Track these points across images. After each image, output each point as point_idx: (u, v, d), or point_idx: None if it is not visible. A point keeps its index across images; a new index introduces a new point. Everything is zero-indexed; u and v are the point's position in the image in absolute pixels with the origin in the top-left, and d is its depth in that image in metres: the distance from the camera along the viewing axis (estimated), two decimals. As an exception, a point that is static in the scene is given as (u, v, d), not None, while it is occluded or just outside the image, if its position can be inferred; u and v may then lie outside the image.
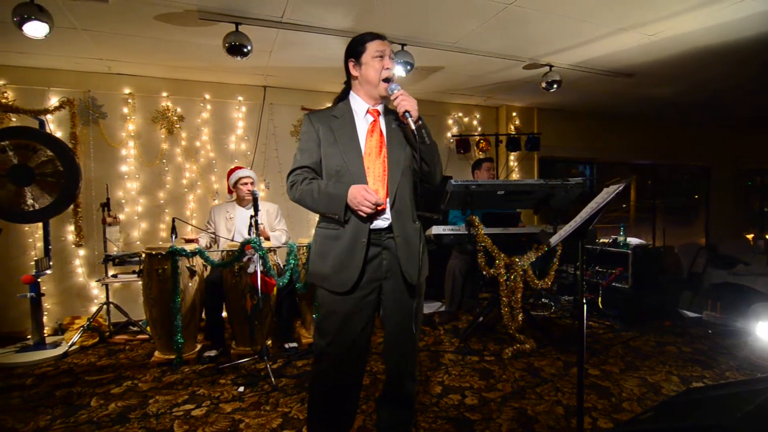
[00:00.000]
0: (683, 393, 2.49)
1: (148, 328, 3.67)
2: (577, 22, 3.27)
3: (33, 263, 3.75)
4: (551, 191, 3.33)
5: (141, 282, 3.36)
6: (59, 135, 3.97)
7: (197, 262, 3.31)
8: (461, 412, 2.45)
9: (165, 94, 4.43)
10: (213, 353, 3.30)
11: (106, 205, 3.90)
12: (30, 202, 3.36)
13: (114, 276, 3.89)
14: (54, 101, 4.04)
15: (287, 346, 3.44)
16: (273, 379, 2.82)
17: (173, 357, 3.18)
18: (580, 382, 1.65)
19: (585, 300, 1.69)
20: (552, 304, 4.69)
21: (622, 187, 1.50)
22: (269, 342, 3.48)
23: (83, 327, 3.75)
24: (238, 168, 3.71)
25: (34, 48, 3.53)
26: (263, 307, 3.11)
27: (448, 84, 4.89)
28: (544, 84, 4.17)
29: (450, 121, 5.77)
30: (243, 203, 3.69)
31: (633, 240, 4.32)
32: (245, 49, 3.14)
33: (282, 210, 3.87)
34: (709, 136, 7.72)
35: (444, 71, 4.40)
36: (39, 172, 3.37)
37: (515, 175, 5.94)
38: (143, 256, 3.29)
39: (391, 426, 1.85)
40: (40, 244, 3.96)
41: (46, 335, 3.60)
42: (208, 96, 4.58)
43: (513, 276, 3.37)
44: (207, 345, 3.45)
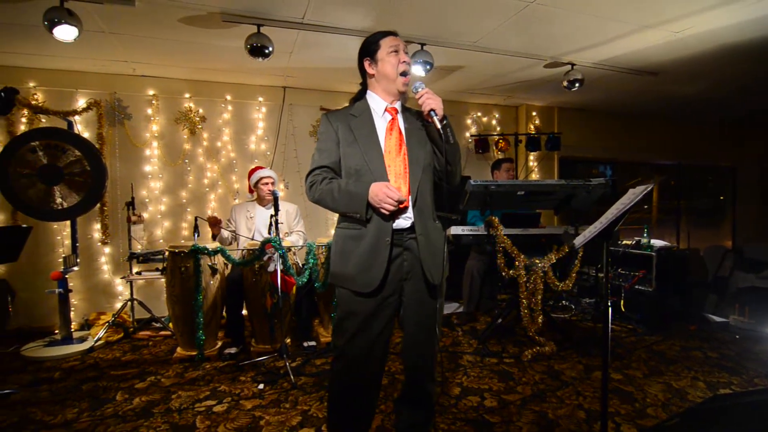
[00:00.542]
0: (710, 400, 2.43)
1: (170, 324, 3.74)
2: (601, 19, 3.21)
3: (61, 260, 3.88)
4: (573, 192, 3.28)
5: (164, 279, 3.43)
6: (87, 135, 4.08)
7: (219, 260, 3.37)
8: (480, 414, 2.43)
9: (187, 95, 4.51)
10: (233, 350, 3.35)
11: (130, 204, 4.00)
12: (59, 200, 3.46)
13: (138, 273, 3.98)
14: (82, 103, 4.16)
15: (306, 344, 3.47)
16: (292, 377, 2.85)
17: (195, 353, 3.24)
18: (604, 386, 1.62)
19: (608, 302, 1.66)
20: (572, 306, 4.62)
21: (651, 188, 1.47)
22: (288, 340, 3.52)
23: (108, 323, 3.86)
24: (259, 168, 3.76)
25: (62, 51, 3.64)
26: (283, 306, 3.14)
27: (467, 83, 4.86)
28: (565, 83, 4.11)
29: (468, 121, 5.73)
30: (263, 203, 3.73)
31: (657, 242, 4.23)
32: (266, 51, 3.17)
33: (301, 210, 3.91)
34: (735, 135, 7.49)
35: (463, 70, 4.37)
36: (67, 171, 3.47)
37: (534, 176, 5.87)
38: (166, 254, 3.35)
39: (411, 426, 1.84)
40: (67, 241, 4.08)
41: (73, 330, 3.70)
42: (229, 97, 4.65)
43: (533, 277, 3.33)
44: (228, 342, 3.50)
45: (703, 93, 5.27)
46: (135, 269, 4.02)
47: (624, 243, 4.43)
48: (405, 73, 1.70)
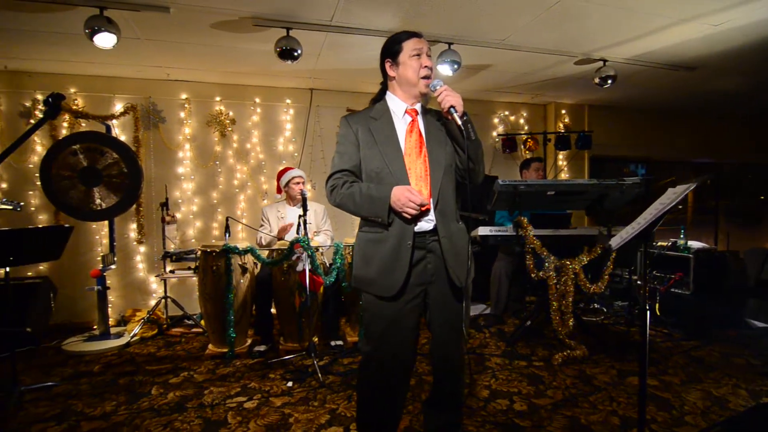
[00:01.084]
0: (753, 408, 2.32)
1: (202, 321, 3.84)
2: (636, 14, 3.11)
3: (99, 259, 4.04)
4: (606, 191, 3.19)
5: (196, 278, 3.53)
6: (124, 139, 4.25)
7: (248, 259, 3.43)
8: (510, 417, 2.40)
9: (218, 98, 4.63)
10: (263, 348, 3.41)
11: (165, 205, 4.12)
12: (98, 201, 3.61)
13: (171, 272, 4.10)
14: (119, 107, 4.33)
15: (333, 343, 3.50)
16: (320, 376, 2.88)
17: (226, 350, 3.31)
18: (642, 392, 1.57)
19: (646, 305, 1.61)
20: (604, 309, 4.50)
21: (693, 187, 1.41)
22: (316, 339, 3.55)
23: (143, 319, 3.99)
24: (289, 168, 3.81)
25: (101, 57, 3.79)
26: (311, 305, 3.18)
27: (494, 82, 4.80)
28: (597, 80, 4.01)
29: (495, 120, 5.66)
30: (293, 203, 3.78)
31: (694, 243, 4.07)
32: (295, 53, 3.22)
33: (328, 210, 3.95)
34: (779, 132, 7.13)
35: (491, 69, 4.32)
36: (106, 173, 3.61)
37: (564, 175, 5.75)
38: (199, 253, 3.44)
39: (439, 428, 1.83)
40: (105, 240, 4.25)
41: (110, 326, 3.85)
42: (258, 99, 4.75)
43: (563, 279, 3.26)
44: (257, 340, 3.57)
45: (743, 88, 5.04)
46: (168, 268, 4.14)
47: (659, 244, 4.28)
48: (427, 77, 1.68)
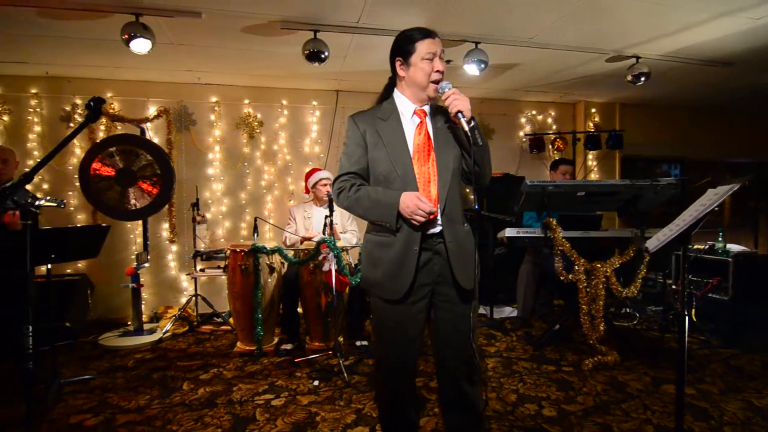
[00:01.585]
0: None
1: (231, 319, 3.92)
2: (670, 8, 3.01)
3: (134, 257, 4.17)
4: (639, 192, 3.09)
5: (225, 276, 3.60)
6: (157, 141, 4.38)
7: (276, 259, 3.49)
8: (539, 423, 2.35)
9: (247, 101, 4.72)
10: (289, 347, 3.46)
11: (195, 205, 4.24)
12: (133, 202, 3.74)
13: (201, 270, 4.21)
14: (152, 111, 4.47)
15: (358, 343, 3.52)
16: (346, 376, 2.89)
17: (254, 348, 3.37)
18: (679, 401, 1.51)
19: (684, 311, 1.55)
20: (636, 314, 4.35)
21: (737, 188, 1.35)
22: (341, 339, 3.58)
23: (175, 316, 4.11)
24: (317, 170, 3.85)
25: (136, 63, 3.92)
26: (337, 305, 3.20)
27: (522, 81, 4.72)
28: (629, 77, 3.89)
29: (523, 120, 5.57)
30: (320, 203, 3.82)
31: (733, 247, 3.89)
32: (322, 55, 3.26)
33: (354, 211, 3.96)
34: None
35: (518, 68, 4.26)
36: (140, 175, 3.73)
37: (594, 176, 5.60)
38: (228, 252, 3.52)
39: (456, 429, 1.79)
40: (139, 239, 4.39)
41: (143, 322, 3.98)
42: (285, 102, 4.82)
43: (594, 282, 3.17)
44: (283, 338, 3.62)
45: (789, 84, 4.80)
46: (199, 266, 4.25)
47: (695, 247, 4.12)
48: (437, 81, 1.64)
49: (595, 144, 5.27)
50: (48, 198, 2.63)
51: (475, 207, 1.65)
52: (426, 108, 1.72)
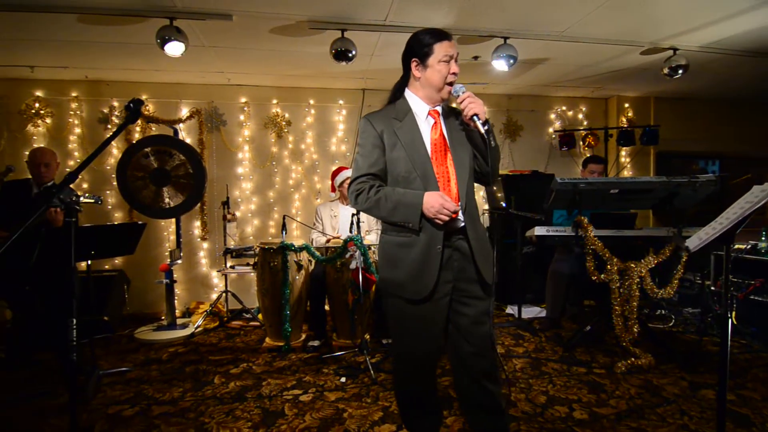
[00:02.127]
0: None
1: (259, 315, 4.00)
2: (712, -3, 2.88)
3: (167, 254, 4.31)
4: (676, 190, 2.98)
5: (254, 273, 3.68)
6: (189, 141, 4.51)
7: (303, 256, 3.53)
8: (570, 425, 2.30)
9: (275, 101, 4.81)
10: (316, 343, 3.50)
11: (226, 203, 4.34)
12: (167, 200, 3.86)
13: (231, 267, 4.31)
14: (185, 112, 4.61)
15: (384, 341, 3.53)
16: (372, 373, 2.90)
17: (282, 344, 3.43)
18: (721, 407, 1.45)
19: (727, 314, 1.48)
20: (672, 316, 4.20)
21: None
22: (367, 336, 3.59)
23: (206, 312, 4.22)
24: (344, 168, 3.87)
25: (169, 65, 4.05)
26: (363, 303, 3.22)
27: (551, 76, 4.62)
28: (666, 70, 3.75)
29: (552, 116, 5.46)
30: (346, 201, 3.84)
31: (778, 247, 3.70)
32: (350, 54, 3.28)
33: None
34: None
35: (548, 63, 4.17)
36: (174, 174, 3.85)
37: (627, 172, 5.43)
38: (257, 249, 3.59)
39: (480, 427, 1.77)
40: (173, 237, 4.53)
41: (176, 317, 4.10)
42: (312, 101, 4.87)
43: (627, 282, 3.07)
44: (311, 335, 3.67)
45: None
46: (229, 263, 4.36)
47: (736, 247, 3.93)
48: (452, 83, 1.65)
49: (629, 140, 5.10)
50: (86, 195, 2.75)
51: (503, 205, 1.64)
52: (438, 108, 1.73)
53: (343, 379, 2.89)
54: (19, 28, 3.23)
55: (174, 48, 3.11)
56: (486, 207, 5.05)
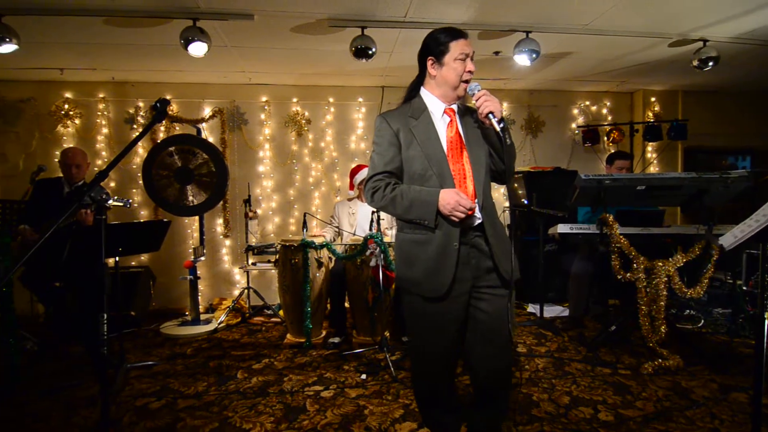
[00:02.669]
0: None
1: (281, 312, 4.04)
2: (745, -14, 2.77)
3: (191, 251, 4.39)
4: (707, 186, 2.88)
5: (276, 270, 3.72)
6: (211, 140, 4.58)
7: (324, 254, 3.55)
8: (594, 427, 2.25)
9: (295, 99, 4.85)
10: (337, 340, 3.52)
11: (247, 201, 4.40)
12: (190, 198, 3.93)
13: (253, 264, 4.37)
14: (207, 111, 4.69)
15: (404, 339, 3.52)
16: (393, 370, 2.90)
17: (303, 340, 3.46)
18: (756, 411, 1.39)
19: (763, 314, 1.43)
20: (701, 316, 4.07)
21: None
22: (387, 334, 3.59)
23: (229, 308, 4.29)
24: (364, 166, 3.87)
25: (192, 66, 4.12)
26: (383, 300, 3.22)
27: (574, 71, 4.53)
28: (696, 62, 3.63)
29: (575, 111, 5.35)
30: (365, 199, 3.84)
31: (816, 245, 3.54)
32: (370, 51, 3.28)
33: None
34: None
35: (571, 57, 4.08)
36: (197, 173, 3.92)
37: (653, 168, 5.29)
38: (278, 247, 3.62)
39: (487, 428, 1.80)
40: (196, 234, 4.62)
41: (200, 313, 4.18)
42: (332, 99, 4.90)
43: (655, 282, 2.99)
44: (331, 332, 3.69)
45: None
46: (250, 260, 4.42)
47: (770, 246, 3.78)
48: (467, 81, 1.65)
49: (655, 135, 4.96)
50: (116, 198, 2.82)
51: (525, 202, 1.63)
52: (454, 107, 1.74)
53: (364, 376, 2.90)
54: (49, 31, 3.34)
55: (197, 48, 3.17)
56: (506, 204, 4.99)
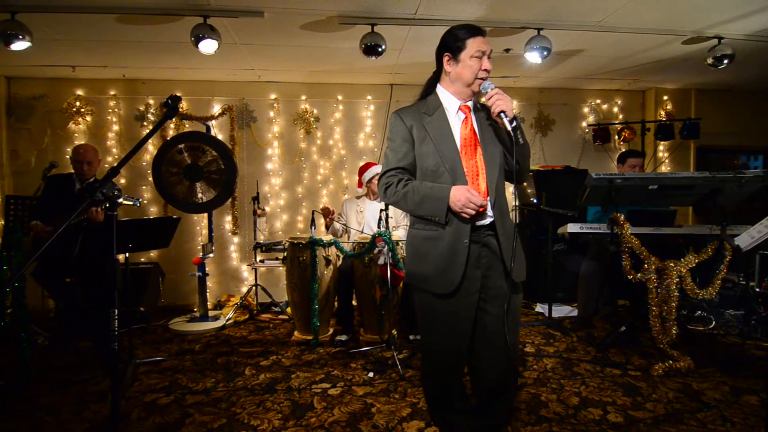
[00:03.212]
0: None
1: (288, 309, 4.05)
2: (762, -18, 2.72)
3: (200, 248, 4.41)
4: (720, 186, 2.84)
5: (284, 268, 3.72)
6: (221, 138, 4.60)
7: (332, 251, 3.55)
8: (604, 428, 2.23)
9: (304, 97, 4.85)
10: (344, 338, 3.52)
11: (256, 199, 4.42)
12: (200, 195, 3.95)
13: (261, 261, 4.38)
14: (217, 109, 4.71)
15: (412, 337, 3.51)
16: (400, 369, 2.90)
17: (310, 338, 3.46)
18: (772, 414, 1.37)
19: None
20: (712, 318, 4.02)
21: None
22: (395, 332, 3.58)
23: (237, 305, 4.31)
24: (372, 164, 3.87)
25: (202, 63, 4.13)
26: (391, 298, 3.21)
27: (585, 68, 4.48)
28: (710, 60, 3.57)
29: (585, 109, 5.29)
30: (374, 197, 3.84)
31: (832, 247, 3.47)
32: (380, 49, 3.26)
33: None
34: None
35: (582, 54, 4.03)
36: (206, 170, 3.93)
37: (665, 168, 5.22)
38: (286, 244, 3.63)
39: (490, 427, 1.78)
40: (205, 231, 4.65)
41: (208, 309, 4.21)
42: (340, 97, 4.89)
43: (666, 282, 2.95)
44: (338, 329, 3.69)
45: None
46: (258, 257, 4.43)
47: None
48: (483, 79, 1.64)
49: (668, 134, 4.90)
50: (126, 196, 2.84)
51: (534, 201, 1.61)
52: (470, 104, 1.73)
53: (371, 374, 2.89)
54: (61, 28, 3.36)
55: (207, 46, 3.17)
56: (515, 203, 4.95)
